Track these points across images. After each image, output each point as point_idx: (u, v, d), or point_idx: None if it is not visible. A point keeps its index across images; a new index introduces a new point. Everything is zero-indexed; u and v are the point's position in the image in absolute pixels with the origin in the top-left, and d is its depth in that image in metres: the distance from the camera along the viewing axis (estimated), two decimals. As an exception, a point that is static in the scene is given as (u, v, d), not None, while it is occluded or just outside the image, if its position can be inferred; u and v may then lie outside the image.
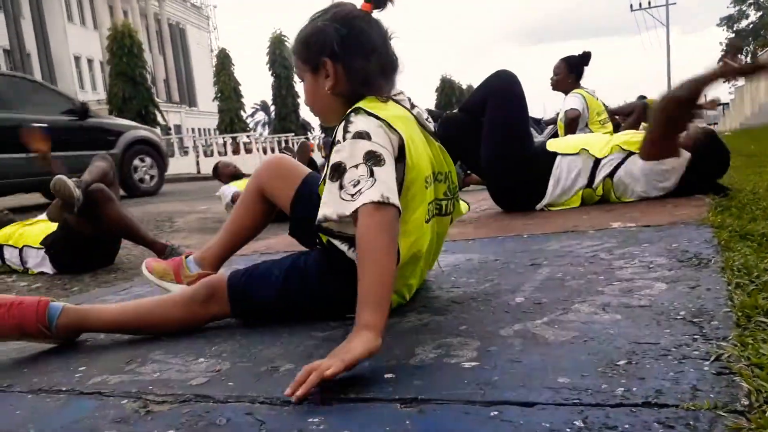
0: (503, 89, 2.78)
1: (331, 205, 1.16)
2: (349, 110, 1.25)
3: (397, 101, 1.36)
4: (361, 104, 1.26)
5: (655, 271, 1.44)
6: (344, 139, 1.20)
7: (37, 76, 31.15)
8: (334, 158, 1.19)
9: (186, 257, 1.73)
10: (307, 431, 0.84)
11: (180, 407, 0.98)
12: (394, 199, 1.13)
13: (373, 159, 1.16)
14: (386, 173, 1.15)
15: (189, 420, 0.93)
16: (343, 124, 1.23)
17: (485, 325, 1.21)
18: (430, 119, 1.47)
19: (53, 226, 3.22)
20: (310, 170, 1.64)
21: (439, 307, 1.38)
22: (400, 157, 1.24)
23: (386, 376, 1.00)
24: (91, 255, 3.18)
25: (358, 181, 1.14)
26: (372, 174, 1.14)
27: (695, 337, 1.00)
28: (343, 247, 1.33)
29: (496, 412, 0.83)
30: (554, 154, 2.76)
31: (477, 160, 2.88)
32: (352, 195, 1.13)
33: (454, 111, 3.16)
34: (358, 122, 1.21)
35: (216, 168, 5.64)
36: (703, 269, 1.41)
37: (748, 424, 0.70)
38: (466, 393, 0.90)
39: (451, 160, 1.47)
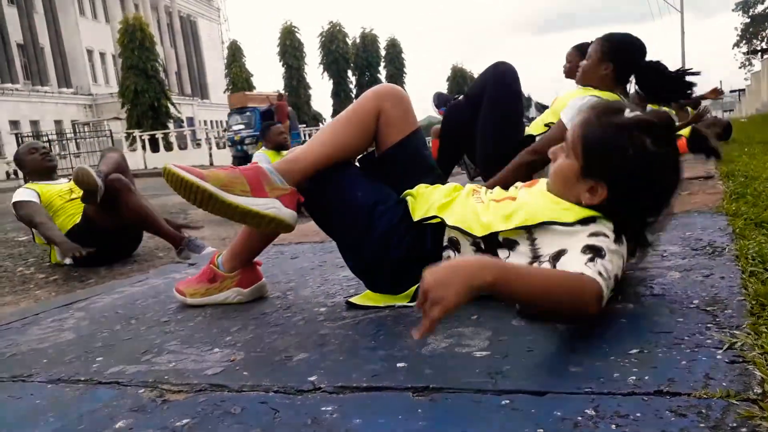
0: (497, 83, 2.76)
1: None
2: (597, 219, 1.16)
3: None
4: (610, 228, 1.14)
5: (669, 260, 1.44)
6: (600, 249, 1.08)
7: (51, 70, 31.46)
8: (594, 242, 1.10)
9: (262, 165, 1.45)
10: (321, 419, 0.86)
11: (195, 396, 1.00)
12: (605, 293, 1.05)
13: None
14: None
15: (204, 409, 0.94)
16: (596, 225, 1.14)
17: (497, 314, 1.21)
18: None
19: (80, 215, 3.23)
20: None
21: (451, 296, 1.38)
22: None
23: (398, 365, 1.01)
24: (112, 247, 3.22)
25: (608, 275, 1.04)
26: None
27: (708, 325, 0.99)
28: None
29: (507, 401, 0.83)
30: (533, 137, 2.73)
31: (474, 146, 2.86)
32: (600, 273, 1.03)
33: (460, 97, 3.14)
34: (613, 251, 1.09)
35: (266, 130, 5.36)
36: (717, 257, 1.41)
37: (760, 412, 0.70)
38: (478, 382, 0.90)
39: None
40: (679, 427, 0.70)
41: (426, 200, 1.38)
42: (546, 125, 2.74)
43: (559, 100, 2.95)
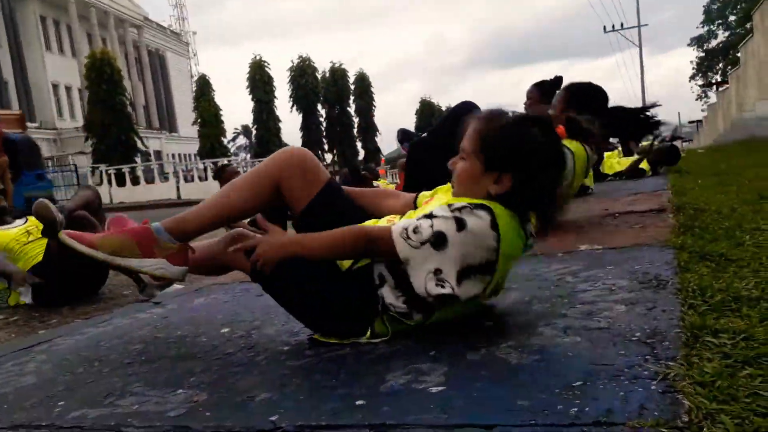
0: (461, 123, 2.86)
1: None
2: (487, 205, 1.30)
3: (526, 234, 1.39)
4: (499, 210, 1.30)
5: (617, 294, 1.51)
6: (453, 209, 1.29)
7: (15, 103, 30.97)
8: (437, 210, 1.31)
9: (150, 225, 1.54)
10: (280, 459, 0.89)
11: (158, 439, 1.02)
12: (400, 247, 1.30)
13: (438, 239, 1.27)
14: (428, 255, 1.28)
15: (166, 451, 0.96)
16: (465, 204, 1.30)
17: (454, 349, 1.26)
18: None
19: (41, 255, 3.20)
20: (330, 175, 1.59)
21: (410, 332, 1.43)
22: (491, 269, 1.31)
23: (357, 403, 1.05)
24: (75, 285, 3.18)
25: (416, 231, 1.29)
26: (422, 244, 1.28)
27: (647, 357, 1.06)
28: (391, 284, 1.36)
29: (457, 435, 0.88)
30: None
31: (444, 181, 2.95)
32: (404, 229, 1.31)
33: (424, 135, 3.24)
34: (474, 218, 1.28)
35: (221, 171, 5.58)
36: (660, 291, 1.49)
37: (685, 440, 0.76)
38: (431, 417, 0.95)
39: None
40: (612, 455, 0.76)
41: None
42: None
43: None
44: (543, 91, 4.75)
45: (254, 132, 35.94)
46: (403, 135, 4.16)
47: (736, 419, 0.80)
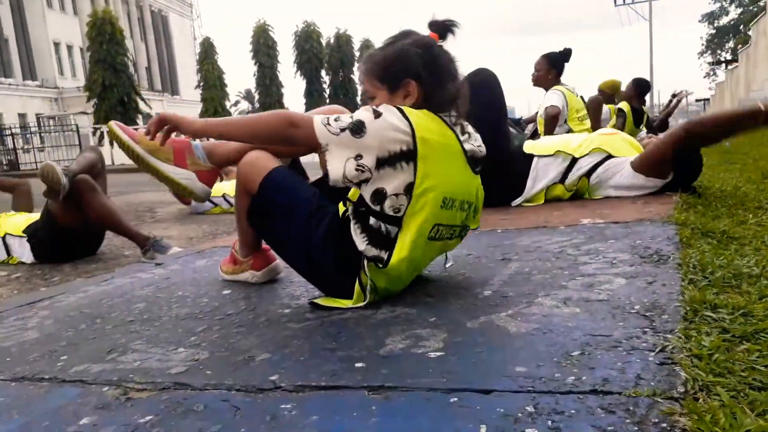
0: (481, 90, 2.83)
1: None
2: (396, 105, 1.38)
3: (447, 124, 1.44)
4: (408, 108, 1.38)
5: (617, 267, 1.52)
6: (370, 107, 1.38)
7: (15, 62, 30.66)
8: (356, 115, 1.37)
9: (192, 141, 1.66)
10: (280, 416, 0.90)
11: (159, 394, 1.03)
12: (320, 133, 1.35)
13: (357, 126, 1.34)
14: (348, 141, 1.34)
15: (168, 407, 0.98)
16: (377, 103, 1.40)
17: (454, 317, 1.27)
18: (481, 147, 1.53)
19: (35, 216, 3.23)
20: None
21: (411, 300, 1.44)
22: (410, 156, 1.34)
23: (357, 365, 1.06)
24: (74, 246, 3.20)
25: (336, 119, 1.36)
26: (341, 131, 1.34)
27: (645, 329, 1.07)
28: (358, 229, 1.40)
29: (455, 399, 0.89)
30: (531, 156, 2.83)
31: None
32: (324, 118, 1.37)
33: None
34: (387, 109, 1.36)
35: None
36: (661, 265, 1.49)
37: (680, 410, 0.77)
38: (430, 381, 0.96)
39: (482, 194, 1.55)
40: (608, 422, 0.77)
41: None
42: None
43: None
44: (552, 62, 4.70)
45: (257, 97, 35.61)
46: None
47: (732, 392, 0.81)
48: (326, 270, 1.48)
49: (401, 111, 1.36)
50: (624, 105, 6.02)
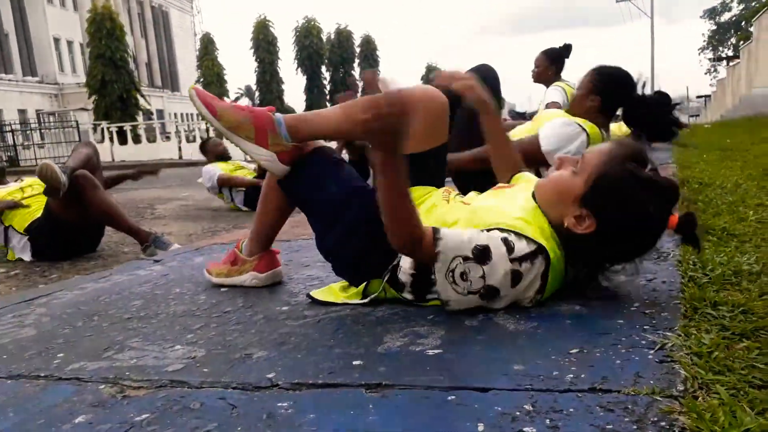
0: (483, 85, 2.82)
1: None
2: (547, 250, 1.22)
3: None
4: (555, 259, 1.23)
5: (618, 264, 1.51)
6: (510, 263, 1.20)
7: (15, 57, 30.61)
8: (491, 278, 1.20)
9: (273, 114, 1.52)
10: (277, 414, 0.89)
11: (156, 392, 1.03)
12: (445, 294, 1.24)
13: (489, 293, 1.22)
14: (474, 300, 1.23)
15: (164, 404, 0.97)
16: (527, 252, 1.20)
17: (452, 315, 1.27)
18: None
19: (40, 210, 3.22)
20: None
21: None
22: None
23: (354, 363, 1.06)
24: (74, 241, 3.19)
25: (464, 277, 1.21)
26: (469, 293, 1.22)
27: (645, 327, 1.06)
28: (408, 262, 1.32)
29: (453, 397, 0.88)
30: None
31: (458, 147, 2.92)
32: (448, 272, 1.21)
33: None
34: (529, 274, 1.21)
35: (205, 144, 5.53)
36: (662, 263, 1.48)
37: (680, 408, 0.77)
38: (428, 379, 0.95)
39: None
40: (606, 421, 0.76)
41: None
42: None
43: (542, 117, 3.05)
44: (552, 58, 4.68)
45: (257, 93, 35.57)
46: None
47: (731, 390, 0.80)
48: (344, 259, 1.46)
49: (546, 265, 1.21)
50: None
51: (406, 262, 1.33)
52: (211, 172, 4.98)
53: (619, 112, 2.80)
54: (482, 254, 1.19)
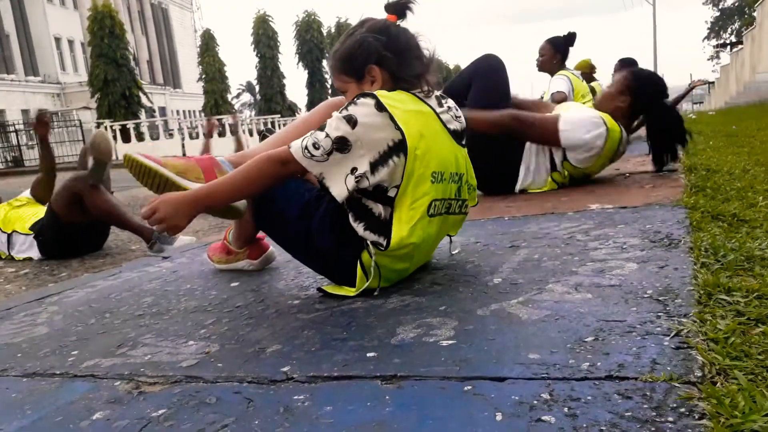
0: (488, 75, 2.81)
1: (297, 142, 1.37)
2: (368, 91, 1.38)
3: (422, 99, 1.44)
4: (380, 92, 1.37)
5: (628, 252, 1.50)
6: (340, 111, 1.36)
7: (17, 58, 30.64)
8: (328, 121, 1.36)
9: (215, 157, 1.63)
10: (293, 408, 0.89)
11: (171, 388, 1.03)
12: (309, 165, 1.34)
13: (340, 144, 1.33)
14: (339, 160, 1.33)
15: (180, 399, 0.97)
16: (352, 100, 1.37)
17: (464, 305, 1.27)
18: (460, 118, 1.53)
19: (42, 211, 3.24)
20: None
21: (420, 288, 1.43)
22: (400, 147, 1.33)
23: (368, 355, 1.06)
24: (80, 241, 3.21)
25: (316, 146, 1.34)
26: (328, 155, 1.33)
27: (659, 314, 1.06)
28: (352, 218, 1.40)
29: (469, 387, 0.88)
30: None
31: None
32: (304, 149, 1.34)
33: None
34: (359, 108, 1.34)
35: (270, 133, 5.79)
36: (672, 249, 1.48)
37: (698, 394, 0.76)
38: (443, 369, 0.95)
39: (471, 164, 1.55)
40: (625, 408, 0.76)
41: None
42: None
43: (569, 105, 3.09)
44: (557, 47, 4.66)
45: (258, 89, 35.51)
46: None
47: (749, 375, 0.80)
48: (328, 255, 1.48)
49: (376, 101, 1.34)
50: (596, 85, 6.02)
51: (358, 229, 1.39)
52: None
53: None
54: (319, 128, 1.37)
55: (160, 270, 2.08)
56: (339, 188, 1.34)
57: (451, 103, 1.53)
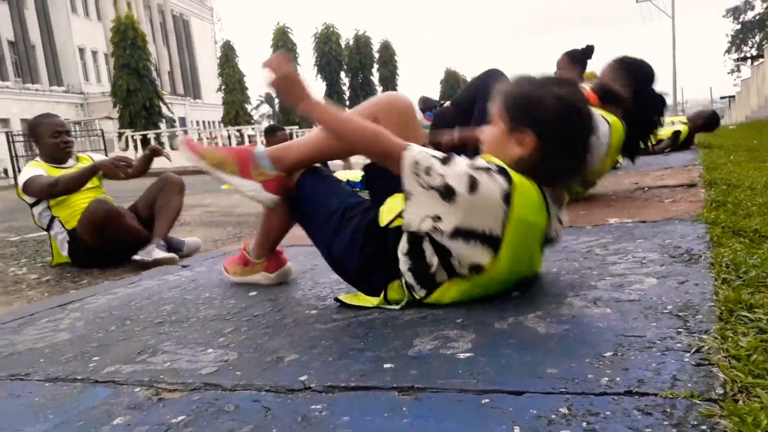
0: (489, 91, 2.81)
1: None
2: (509, 172, 1.28)
3: (548, 202, 1.35)
4: (520, 181, 1.28)
5: (647, 267, 1.49)
6: (475, 165, 1.28)
7: (42, 68, 31.28)
8: (457, 163, 1.28)
9: (254, 149, 1.63)
10: (310, 417, 0.90)
11: (190, 395, 1.04)
12: (408, 181, 1.30)
13: (447, 192, 1.26)
14: (434, 199, 1.27)
15: (199, 407, 0.98)
16: (488, 165, 1.28)
17: (481, 318, 1.26)
18: (561, 228, 1.46)
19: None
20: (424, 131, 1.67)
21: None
22: (491, 243, 1.28)
23: (386, 366, 1.06)
24: (104, 257, 3.22)
25: (427, 172, 1.28)
26: (431, 188, 1.27)
27: (679, 330, 1.05)
28: (402, 249, 1.36)
29: (487, 400, 0.88)
30: None
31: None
32: (415, 164, 1.29)
33: (446, 104, 3.18)
34: (490, 182, 1.25)
35: (274, 130, 5.94)
36: (693, 265, 1.46)
37: (720, 411, 0.76)
38: (460, 382, 0.95)
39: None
40: (645, 424, 0.76)
41: (396, 207, 1.41)
42: None
43: None
44: (574, 59, 4.65)
45: (277, 100, 35.82)
46: (423, 104, 4.10)
47: (772, 393, 0.79)
48: (351, 271, 1.49)
49: (508, 192, 1.24)
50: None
51: (402, 263, 1.36)
52: None
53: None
54: (445, 159, 1.29)
55: (180, 278, 2.10)
56: (413, 219, 1.30)
57: (564, 202, 1.45)
